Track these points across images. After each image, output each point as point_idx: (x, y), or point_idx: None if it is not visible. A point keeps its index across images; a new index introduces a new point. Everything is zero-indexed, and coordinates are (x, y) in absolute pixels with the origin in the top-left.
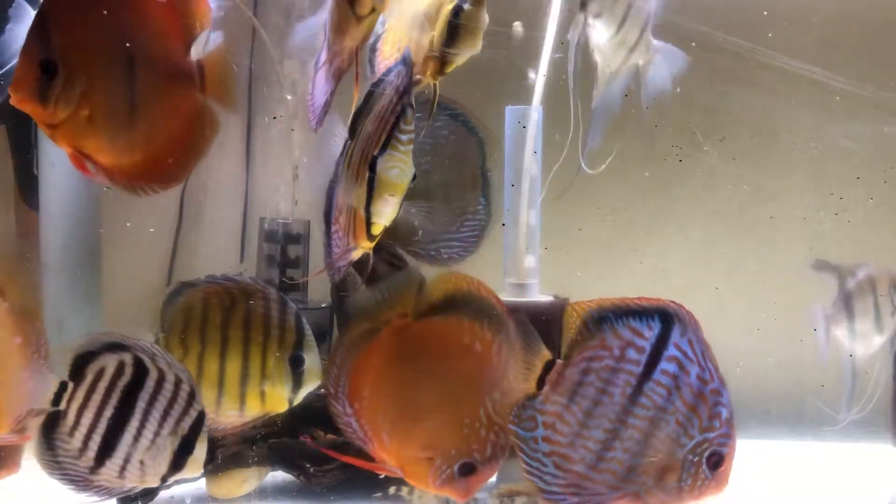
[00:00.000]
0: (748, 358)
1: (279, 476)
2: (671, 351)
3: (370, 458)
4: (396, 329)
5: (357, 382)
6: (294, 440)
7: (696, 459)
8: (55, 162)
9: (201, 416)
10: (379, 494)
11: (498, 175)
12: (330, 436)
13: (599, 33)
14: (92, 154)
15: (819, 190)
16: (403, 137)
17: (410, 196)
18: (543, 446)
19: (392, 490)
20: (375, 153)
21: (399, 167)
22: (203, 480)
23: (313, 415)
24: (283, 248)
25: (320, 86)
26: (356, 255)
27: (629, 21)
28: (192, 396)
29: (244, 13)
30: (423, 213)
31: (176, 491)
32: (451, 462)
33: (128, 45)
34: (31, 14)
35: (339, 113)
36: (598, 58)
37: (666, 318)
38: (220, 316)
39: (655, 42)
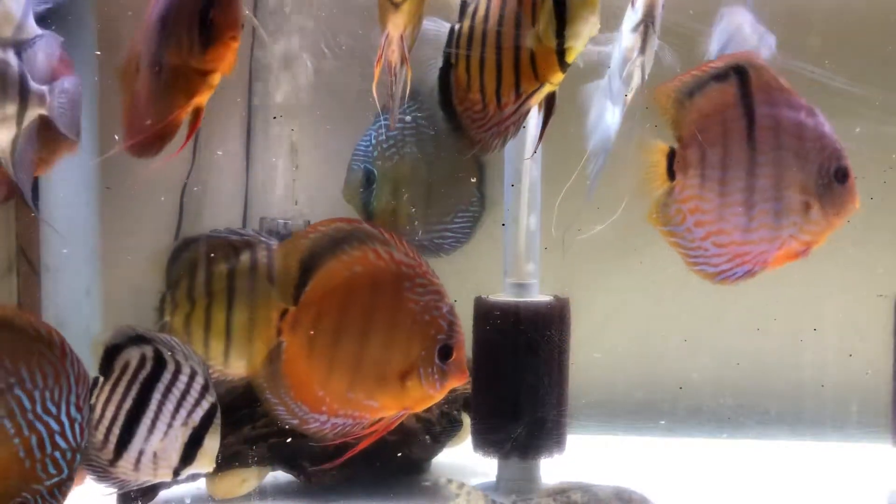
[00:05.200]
0: (748, 358)
1: (279, 476)
2: (760, 94)
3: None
4: (294, 325)
5: (301, 386)
6: (294, 440)
7: (825, 181)
8: None
9: (213, 409)
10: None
11: (494, 169)
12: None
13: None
14: None
15: None
16: None
17: (413, 184)
18: (697, 231)
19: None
20: None
21: None
22: (203, 480)
23: None
24: None
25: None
26: (539, 97)
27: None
28: (205, 389)
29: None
30: (423, 201)
31: (176, 491)
32: (429, 360)
33: None
34: None
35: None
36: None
37: (739, 70)
38: (224, 268)
39: None
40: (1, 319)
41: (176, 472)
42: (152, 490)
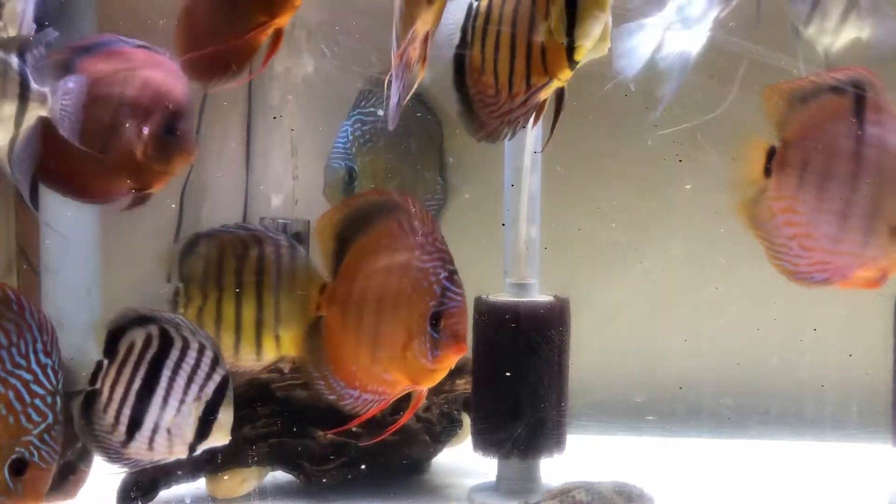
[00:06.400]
0: (748, 358)
1: (279, 476)
2: (872, 115)
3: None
4: (331, 299)
5: (338, 360)
6: (294, 440)
7: None
8: None
9: (225, 381)
10: None
11: (455, 155)
12: (330, 435)
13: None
14: None
15: None
16: None
17: (389, 176)
18: (786, 230)
19: None
20: None
21: None
22: (203, 480)
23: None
24: None
25: (394, 87)
26: (548, 92)
27: None
28: (215, 362)
29: None
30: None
31: (176, 490)
32: (422, 328)
33: None
34: None
35: None
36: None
37: (857, 85)
38: (234, 262)
39: None
40: None
41: (192, 448)
42: (152, 489)
